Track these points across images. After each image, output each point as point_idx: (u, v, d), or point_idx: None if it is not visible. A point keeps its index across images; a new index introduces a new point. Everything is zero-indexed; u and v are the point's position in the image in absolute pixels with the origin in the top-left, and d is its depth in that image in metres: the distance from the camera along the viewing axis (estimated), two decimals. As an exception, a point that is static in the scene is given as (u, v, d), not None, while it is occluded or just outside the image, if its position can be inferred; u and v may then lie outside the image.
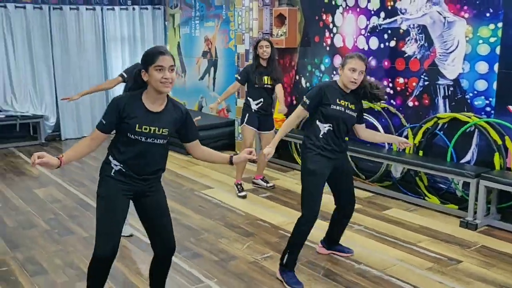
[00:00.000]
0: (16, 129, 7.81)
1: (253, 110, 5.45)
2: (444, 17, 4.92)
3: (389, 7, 5.40)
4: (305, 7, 6.45)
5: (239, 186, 5.48)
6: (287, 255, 3.47)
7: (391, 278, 3.55)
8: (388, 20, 5.44)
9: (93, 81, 8.27)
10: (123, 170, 2.66)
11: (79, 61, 8.38)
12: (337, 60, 6.04)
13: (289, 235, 3.54)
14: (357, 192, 5.41)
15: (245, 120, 5.48)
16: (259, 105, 5.43)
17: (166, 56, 2.56)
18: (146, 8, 9.03)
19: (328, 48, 6.18)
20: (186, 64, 8.96)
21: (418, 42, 5.18)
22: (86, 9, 8.41)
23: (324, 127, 3.43)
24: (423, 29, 5.11)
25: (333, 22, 6.06)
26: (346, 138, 3.62)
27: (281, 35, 6.57)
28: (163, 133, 2.68)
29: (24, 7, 7.86)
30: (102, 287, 2.79)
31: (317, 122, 3.44)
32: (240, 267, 3.75)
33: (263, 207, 5.07)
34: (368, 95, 3.50)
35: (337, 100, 3.42)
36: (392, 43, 5.43)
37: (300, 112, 3.49)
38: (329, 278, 3.56)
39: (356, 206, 4.94)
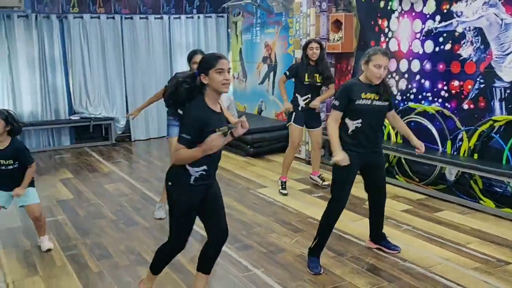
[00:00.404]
0: (90, 130, 8.45)
1: (299, 108, 5.62)
2: (501, 19, 4.88)
3: (445, 11, 5.41)
4: (361, 12, 6.56)
5: (283, 183, 5.68)
6: (315, 241, 3.69)
7: (435, 276, 3.61)
8: (443, 23, 5.45)
9: (160, 86, 8.72)
10: (204, 173, 2.89)
11: (148, 67, 8.91)
12: (393, 64, 6.10)
13: (341, 234, 3.75)
14: (409, 194, 5.53)
15: (292, 118, 5.66)
16: (306, 101, 5.60)
17: (224, 60, 2.82)
18: (210, 17, 9.46)
19: (383, 52, 6.24)
20: (247, 69, 9.28)
21: (474, 44, 5.16)
22: (155, 18, 8.94)
23: (353, 124, 3.58)
24: (479, 31, 5.09)
25: (388, 26, 6.14)
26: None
27: (338, 40, 6.71)
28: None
29: (99, 17, 8.49)
30: (162, 269, 3.16)
31: (346, 120, 3.60)
32: (287, 258, 3.94)
33: (315, 206, 5.22)
34: (382, 89, 3.62)
35: (363, 94, 3.56)
36: (448, 46, 5.43)
37: (336, 116, 3.62)
38: (372, 273, 3.67)
39: (406, 207, 5.09)
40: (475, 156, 5.19)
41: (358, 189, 4.23)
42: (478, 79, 5.15)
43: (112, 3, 8.66)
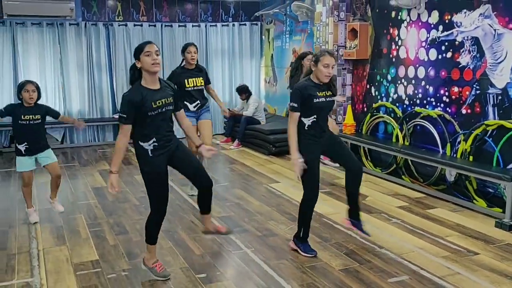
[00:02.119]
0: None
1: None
2: (494, 29, 5.20)
3: (446, 21, 5.76)
4: (376, 21, 6.97)
5: None
6: (302, 229, 4.16)
7: (403, 261, 4.02)
8: (445, 33, 5.80)
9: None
10: (156, 145, 3.47)
11: (185, 71, 9.65)
12: (401, 70, 6.48)
13: (332, 223, 4.25)
14: (409, 193, 5.91)
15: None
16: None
17: (151, 44, 3.43)
18: (245, 24, 10.09)
19: (394, 59, 6.64)
20: (278, 74, 9.84)
21: (471, 53, 5.48)
22: (192, 26, 9.68)
23: (308, 120, 3.97)
24: (475, 40, 5.42)
25: (398, 35, 6.53)
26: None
27: (354, 47, 7.15)
28: (170, 101, 3.51)
29: (141, 25, 9.32)
30: (156, 238, 3.75)
31: (301, 118, 3.99)
32: (276, 241, 4.47)
33: (319, 200, 5.68)
34: (331, 86, 4.05)
35: (317, 93, 3.98)
36: (449, 54, 5.77)
37: (295, 117, 3.97)
38: (348, 256, 4.13)
39: (403, 204, 5.49)
40: (471, 158, 5.50)
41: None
42: (474, 85, 5.47)
43: (153, 12, 9.47)
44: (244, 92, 9.08)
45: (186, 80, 5.53)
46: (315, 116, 4.00)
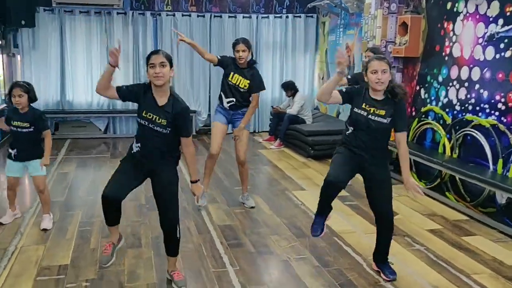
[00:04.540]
0: (173, 120, 9.02)
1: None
2: None
3: (508, 13, 4.83)
4: (430, 14, 6.10)
5: None
6: (318, 205, 3.58)
7: (408, 301, 3.33)
8: (505, 28, 4.87)
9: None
10: (139, 150, 3.22)
11: (233, 65, 9.22)
12: (454, 71, 5.60)
13: (341, 244, 4.04)
14: (448, 213, 5.07)
15: None
16: None
17: (156, 55, 3.03)
18: (299, 16, 9.48)
19: (446, 58, 5.76)
20: (331, 70, 9.14)
21: (533, 52, 4.54)
22: (243, 17, 9.24)
23: (350, 128, 3.50)
24: (539, 38, 4.48)
25: (453, 30, 5.64)
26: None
27: (404, 43, 6.33)
28: (161, 123, 3.08)
29: (190, 15, 9.02)
30: (111, 223, 3.36)
31: (347, 122, 3.55)
32: (267, 261, 3.91)
33: (340, 213, 5.03)
34: (393, 94, 3.39)
35: (363, 104, 3.39)
36: (508, 53, 4.84)
37: (336, 92, 3.41)
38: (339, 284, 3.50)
39: (436, 226, 4.72)
40: (526, 179, 4.58)
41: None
42: (535, 92, 4.54)
43: (203, 2, 9.13)
44: (290, 88, 8.49)
45: (231, 73, 5.01)
46: (353, 129, 3.48)
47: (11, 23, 7.84)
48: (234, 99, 5.06)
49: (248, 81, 4.99)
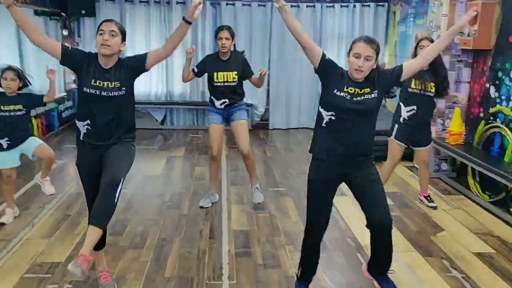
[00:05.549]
0: (229, 114, 8.76)
1: (401, 120, 4.81)
2: None
3: None
4: (506, 0, 5.23)
5: (428, 198, 5.08)
6: (300, 267, 3.16)
7: None
8: None
9: (305, 77, 8.70)
10: (89, 128, 2.88)
11: (294, 56, 8.70)
12: (527, 66, 4.74)
13: (364, 261, 3.28)
14: (507, 235, 4.29)
15: (394, 132, 4.88)
16: (411, 113, 4.75)
17: (109, 22, 2.80)
18: (368, 5, 8.76)
19: (520, 51, 4.91)
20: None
21: None
22: (307, 6, 8.71)
23: (326, 115, 2.86)
24: None
25: (530, 17, 4.78)
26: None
27: (473, 34, 5.50)
28: (116, 86, 2.84)
29: (250, 5, 8.67)
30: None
31: (320, 108, 2.90)
32: (270, 277, 3.47)
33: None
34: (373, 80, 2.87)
35: (344, 87, 2.82)
36: None
37: (317, 48, 2.94)
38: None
39: (487, 249, 4.05)
40: None
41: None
42: None
43: (265, -10, 8.73)
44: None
45: (215, 74, 4.62)
46: (332, 114, 2.84)
47: (72, 13, 7.97)
48: (226, 99, 4.71)
49: (235, 72, 4.64)
